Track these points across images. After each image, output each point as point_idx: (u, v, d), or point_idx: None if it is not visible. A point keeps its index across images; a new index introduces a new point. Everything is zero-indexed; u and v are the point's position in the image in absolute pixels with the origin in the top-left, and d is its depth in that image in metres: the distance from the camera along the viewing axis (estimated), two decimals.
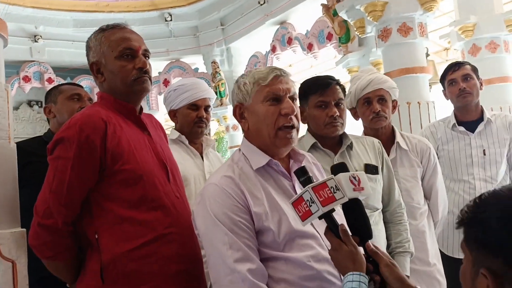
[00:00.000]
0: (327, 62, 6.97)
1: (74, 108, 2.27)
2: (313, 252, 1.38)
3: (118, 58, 1.63)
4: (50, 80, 6.97)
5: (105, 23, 2.09)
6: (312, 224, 1.39)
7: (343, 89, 2.00)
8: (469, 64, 2.78)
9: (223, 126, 7.52)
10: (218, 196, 1.41)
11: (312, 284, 1.37)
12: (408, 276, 2.05)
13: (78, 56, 7.18)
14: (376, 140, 2.14)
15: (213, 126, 7.33)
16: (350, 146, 2.03)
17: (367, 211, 1.94)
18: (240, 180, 1.43)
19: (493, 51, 4.13)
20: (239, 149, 1.56)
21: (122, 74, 1.63)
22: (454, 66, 2.74)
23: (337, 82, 1.98)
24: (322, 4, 5.25)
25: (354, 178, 1.32)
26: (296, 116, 1.49)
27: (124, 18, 6.94)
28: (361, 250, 1.28)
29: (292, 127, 1.47)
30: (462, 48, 4.30)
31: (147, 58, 1.69)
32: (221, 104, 7.02)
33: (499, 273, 0.79)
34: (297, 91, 1.55)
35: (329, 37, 5.40)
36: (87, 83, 7.25)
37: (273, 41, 6.35)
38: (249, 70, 1.57)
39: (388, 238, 2.08)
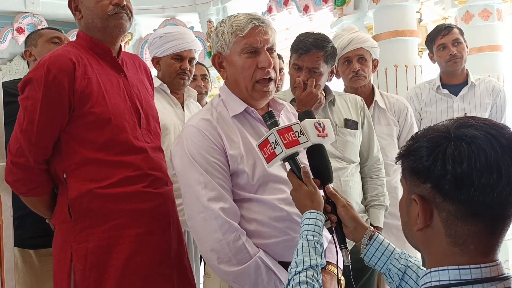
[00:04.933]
0: (323, 26, 6.94)
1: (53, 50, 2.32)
2: (285, 196, 1.46)
3: None
4: None
5: None
6: (285, 170, 1.46)
7: (331, 52, 2.00)
8: (457, 27, 2.82)
9: (217, 87, 7.53)
10: (195, 137, 1.47)
11: (281, 225, 1.46)
12: (381, 228, 2.16)
13: None
14: (359, 98, 2.21)
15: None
16: (333, 102, 2.10)
17: (344, 163, 2.06)
18: (217, 124, 1.50)
19: (485, 19, 4.12)
20: (219, 95, 1.61)
21: (98, 9, 1.63)
22: (444, 30, 2.77)
23: (322, 48, 1.97)
24: None
25: (319, 124, 1.38)
26: (274, 68, 1.52)
27: None
28: (321, 192, 1.35)
29: (269, 79, 1.51)
30: (455, 14, 4.30)
31: None
32: None
33: (428, 198, 0.87)
34: (275, 41, 1.56)
35: None
36: None
37: (269, 1, 6.29)
38: (227, 17, 1.58)
39: (364, 191, 2.19)
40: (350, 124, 2.11)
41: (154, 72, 2.23)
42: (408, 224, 0.93)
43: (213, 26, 6.90)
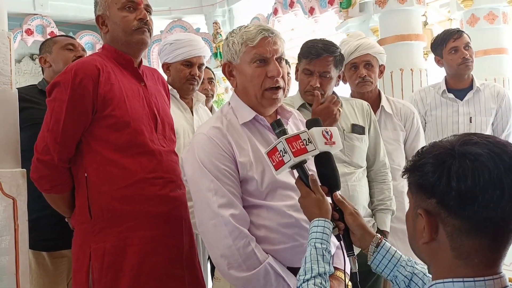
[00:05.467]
0: (328, 27, 6.96)
1: (69, 57, 2.38)
2: (293, 202, 1.49)
3: (121, 9, 1.76)
4: (52, 34, 6.94)
5: None
6: (294, 177, 1.48)
7: (340, 58, 2.05)
8: (465, 32, 2.84)
9: (223, 87, 7.58)
10: (206, 145, 1.51)
11: (290, 231, 1.49)
12: (387, 232, 2.19)
13: (81, 11, 7.16)
14: (365, 103, 2.24)
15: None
16: (340, 107, 2.12)
17: (351, 168, 2.09)
18: (227, 131, 1.53)
19: (491, 22, 4.16)
20: (229, 102, 1.65)
21: (124, 24, 1.76)
22: (456, 34, 2.77)
23: (332, 53, 2.01)
24: None
25: (327, 132, 1.40)
26: (282, 77, 1.55)
27: None
28: (329, 199, 1.37)
29: (278, 88, 1.55)
30: (461, 17, 4.32)
31: (148, 14, 1.81)
32: (221, 65, 7.05)
33: (433, 213, 0.90)
34: (284, 51, 1.60)
35: (331, 1, 5.38)
36: (89, 38, 7.26)
37: (275, 3, 6.32)
38: (238, 27, 1.62)
39: (371, 195, 2.21)
40: (357, 129, 2.13)
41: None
42: (414, 237, 0.96)
43: (219, 28, 6.96)
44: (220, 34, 6.93)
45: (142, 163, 1.71)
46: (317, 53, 2.00)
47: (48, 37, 6.87)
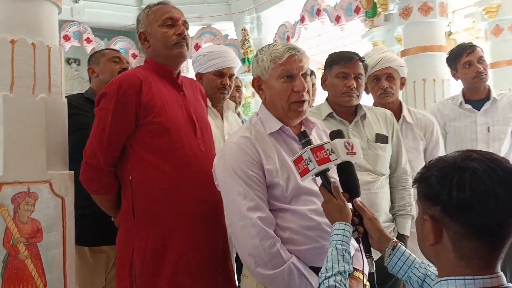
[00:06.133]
0: (355, 34, 7.04)
1: (115, 68, 2.56)
2: (315, 207, 1.60)
3: (161, 26, 1.92)
4: (88, 40, 7.25)
5: None
6: (316, 185, 1.60)
7: (365, 66, 2.19)
8: (479, 46, 2.91)
9: (250, 91, 7.74)
10: (236, 153, 1.63)
11: (312, 233, 1.60)
12: (407, 236, 2.28)
13: (115, 18, 7.45)
14: (388, 112, 2.32)
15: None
16: (364, 117, 2.21)
17: (374, 175, 2.19)
18: (256, 141, 1.66)
19: None
20: (257, 113, 1.78)
21: (164, 39, 1.91)
22: (468, 49, 2.85)
23: (360, 59, 2.16)
24: None
25: (348, 143, 1.50)
26: (307, 91, 1.68)
27: None
28: (349, 205, 1.48)
29: (303, 101, 1.67)
30: (485, 28, 4.37)
31: (186, 28, 1.96)
32: (249, 71, 7.20)
33: (438, 219, 1.02)
34: (309, 67, 1.72)
35: (357, 10, 5.48)
36: (122, 44, 7.52)
37: (302, 11, 6.43)
38: (267, 46, 1.75)
39: (392, 201, 2.28)
40: (381, 139, 2.22)
41: None
42: (422, 240, 1.09)
43: (247, 34, 7.12)
44: (248, 41, 7.09)
45: (181, 167, 1.84)
46: (350, 57, 2.14)
47: (85, 43, 7.19)
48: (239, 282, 1.96)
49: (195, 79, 2.56)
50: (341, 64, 2.14)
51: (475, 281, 0.98)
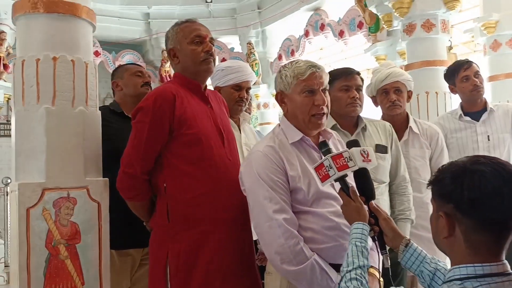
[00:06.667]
0: (357, 47, 7.25)
1: (138, 82, 2.69)
2: (334, 209, 1.75)
3: (190, 43, 2.05)
4: (96, 53, 7.41)
5: (150, 3, 2.37)
6: (334, 189, 1.77)
7: (362, 79, 2.39)
8: (474, 62, 3.11)
9: (254, 103, 7.93)
10: (262, 160, 1.78)
11: (332, 233, 1.75)
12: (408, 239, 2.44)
13: (123, 31, 7.66)
14: (387, 124, 2.50)
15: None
16: (365, 128, 2.38)
17: (375, 183, 2.35)
18: (279, 149, 1.80)
19: None
20: (279, 125, 1.94)
21: (193, 56, 2.05)
22: (466, 64, 3.05)
23: (358, 73, 2.38)
24: None
25: (364, 152, 1.66)
26: (326, 105, 1.84)
27: None
28: (365, 207, 1.63)
29: (323, 114, 1.83)
30: (484, 42, 4.57)
31: (212, 45, 2.09)
32: (254, 83, 7.39)
33: (451, 215, 1.19)
34: (327, 82, 1.88)
35: (360, 25, 5.68)
36: (130, 57, 7.72)
37: (306, 26, 6.64)
38: (289, 62, 1.91)
39: (392, 206, 2.44)
40: (381, 149, 2.37)
41: None
42: (437, 233, 1.25)
43: (253, 48, 7.33)
44: (254, 54, 7.30)
45: (212, 174, 1.97)
46: (349, 71, 2.36)
47: (93, 56, 7.36)
48: (262, 278, 2.09)
49: None
50: (343, 78, 2.33)
51: (483, 268, 1.15)
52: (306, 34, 6.63)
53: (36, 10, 2.11)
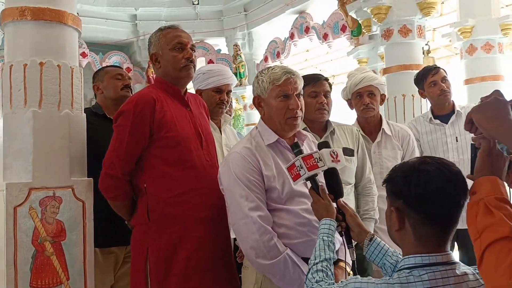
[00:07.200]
0: (342, 50, 7.39)
1: (118, 85, 2.73)
2: (306, 207, 1.83)
3: (171, 50, 2.12)
4: (83, 54, 7.46)
5: (137, 4, 2.39)
6: (307, 188, 1.84)
7: (330, 85, 2.51)
8: (442, 68, 3.26)
9: (241, 104, 8.03)
10: (239, 161, 1.86)
11: (304, 229, 1.84)
12: None
13: (110, 33, 7.72)
14: (355, 128, 2.62)
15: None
16: (333, 132, 2.50)
17: None
18: (256, 151, 1.90)
19: (488, 52, 4.53)
20: (256, 127, 2.03)
21: (174, 62, 2.12)
22: (433, 70, 3.20)
23: (326, 79, 2.48)
24: None
25: (333, 152, 1.75)
26: (300, 109, 1.93)
27: (154, 0, 7.45)
28: (334, 204, 1.73)
29: (297, 117, 1.93)
30: (460, 47, 4.73)
31: (193, 51, 2.17)
32: (240, 85, 7.50)
33: (401, 210, 1.30)
34: (302, 88, 1.97)
35: (343, 29, 5.81)
36: (117, 58, 7.78)
37: (291, 28, 6.75)
38: (266, 68, 2.00)
39: (358, 206, 2.56)
40: (347, 152, 2.47)
41: None
42: (390, 227, 1.37)
43: (239, 50, 7.43)
44: (240, 56, 7.40)
45: (190, 175, 2.06)
46: (317, 78, 2.46)
47: (80, 57, 7.42)
48: (239, 273, 2.20)
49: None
50: (311, 84, 2.43)
51: (429, 258, 1.27)
52: (291, 36, 6.75)
53: (23, 18, 2.20)
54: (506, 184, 1.29)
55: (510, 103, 1.19)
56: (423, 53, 4.99)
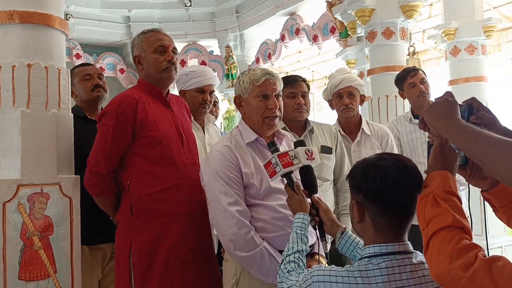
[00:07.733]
0: (333, 51, 7.49)
1: (87, 86, 2.71)
2: (283, 202, 1.91)
3: (153, 52, 2.21)
4: (78, 56, 7.50)
5: (130, 6, 2.41)
6: (284, 184, 1.92)
7: (308, 86, 2.60)
8: (421, 70, 3.35)
9: (233, 106, 8.10)
10: (219, 159, 1.96)
11: (280, 223, 1.93)
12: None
13: (104, 34, 7.77)
14: (333, 127, 2.72)
15: (224, 106, 7.89)
16: (312, 131, 2.60)
17: (320, 181, 2.56)
18: (235, 149, 1.99)
19: (471, 53, 4.63)
20: (237, 126, 2.12)
21: (156, 64, 2.20)
22: (412, 72, 3.30)
23: (303, 80, 2.58)
24: (326, 1, 5.77)
25: (308, 151, 1.84)
26: (279, 108, 2.02)
27: (148, 2, 7.53)
28: (309, 200, 1.81)
29: (275, 117, 2.02)
30: (445, 48, 4.83)
31: (174, 54, 2.25)
32: (232, 86, 7.57)
33: (361, 203, 1.39)
34: (281, 89, 2.05)
35: (332, 30, 5.89)
36: (110, 60, 7.83)
37: (282, 30, 6.82)
38: (247, 70, 2.10)
39: (337, 202, 2.67)
40: (326, 150, 2.59)
41: None
42: (353, 219, 1.46)
43: (231, 51, 7.51)
44: (232, 57, 7.47)
45: (172, 172, 2.15)
46: (295, 79, 2.56)
47: (74, 58, 7.47)
48: (221, 266, 2.28)
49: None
50: (289, 85, 2.52)
51: (387, 247, 1.36)
52: (282, 38, 6.83)
53: (12, 21, 2.28)
54: (464, 179, 1.39)
55: (460, 104, 1.28)
56: (409, 55, 5.11)
